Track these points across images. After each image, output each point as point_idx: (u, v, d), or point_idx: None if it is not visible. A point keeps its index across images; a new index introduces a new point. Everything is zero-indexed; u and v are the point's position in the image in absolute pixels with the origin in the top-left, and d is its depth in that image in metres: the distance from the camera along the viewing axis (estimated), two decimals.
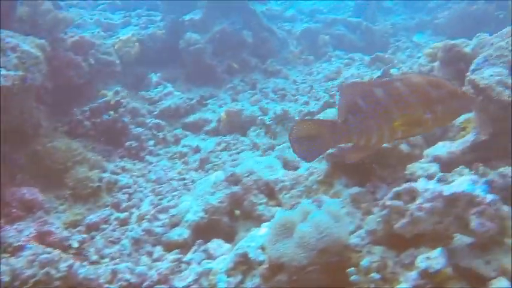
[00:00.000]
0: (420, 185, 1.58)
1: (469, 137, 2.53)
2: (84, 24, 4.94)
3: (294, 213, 1.82)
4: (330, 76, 4.51)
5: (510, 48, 2.61)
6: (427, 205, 1.52)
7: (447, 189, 1.52)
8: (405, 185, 1.61)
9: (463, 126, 2.55)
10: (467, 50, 3.12)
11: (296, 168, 2.69)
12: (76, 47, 3.19)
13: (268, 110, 3.55)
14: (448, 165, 2.56)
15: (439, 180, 2.49)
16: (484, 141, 2.45)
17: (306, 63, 5.15)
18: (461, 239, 1.62)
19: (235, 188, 2.42)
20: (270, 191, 2.49)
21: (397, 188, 1.64)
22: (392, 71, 4.02)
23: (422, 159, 2.75)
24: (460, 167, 2.46)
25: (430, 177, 2.53)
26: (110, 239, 2.25)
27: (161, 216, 2.42)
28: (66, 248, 2.10)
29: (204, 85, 4.57)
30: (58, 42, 3.14)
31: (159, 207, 2.52)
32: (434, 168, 2.62)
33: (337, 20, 6.03)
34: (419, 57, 4.20)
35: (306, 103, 3.84)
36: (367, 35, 5.87)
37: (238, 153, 3.27)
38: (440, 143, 2.74)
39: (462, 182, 1.54)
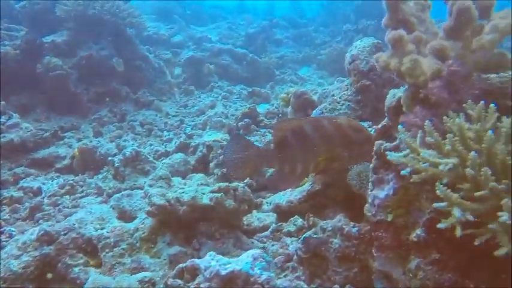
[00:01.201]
0: (203, 262, 1.50)
1: (306, 186, 2.60)
2: None
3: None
4: (203, 110, 4.43)
5: (342, 102, 2.78)
6: (204, 285, 1.44)
7: (225, 268, 1.45)
8: (189, 262, 1.52)
9: None
10: (314, 97, 3.27)
11: (133, 218, 2.51)
12: None
13: (124, 148, 3.32)
14: (286, 214, 2.60)
15: (272, 232, 2.52)
16: (318, 190, 2.54)
17: (187, 93, 5.03)
18: None
19: (47, 249, 2.15)
20: (93, 249, 2.27)
21: (181, 265, 1.54)
22: (260, 106, 4.07)
23: (264, 207, 2.76)
24: (296, 216, 2.53)
25: (265, 228, 2.56)
26: None
27: None
28: None
29: (67, 114, 4.19)
30: None
31: None
32: (270, 218, 2.65)
33: (224, 49, 6.05)
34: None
35: (169, 140, 3.69)
36: (253, 66, 5.97)
37: (81, 197, 2.98)
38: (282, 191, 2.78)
39: (242, 259, 1.49)
